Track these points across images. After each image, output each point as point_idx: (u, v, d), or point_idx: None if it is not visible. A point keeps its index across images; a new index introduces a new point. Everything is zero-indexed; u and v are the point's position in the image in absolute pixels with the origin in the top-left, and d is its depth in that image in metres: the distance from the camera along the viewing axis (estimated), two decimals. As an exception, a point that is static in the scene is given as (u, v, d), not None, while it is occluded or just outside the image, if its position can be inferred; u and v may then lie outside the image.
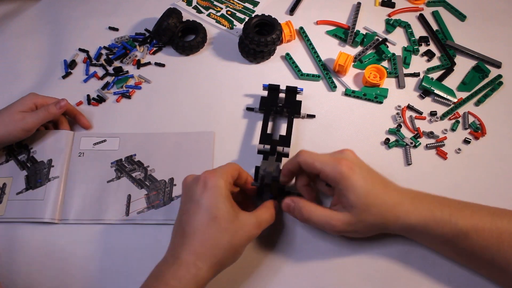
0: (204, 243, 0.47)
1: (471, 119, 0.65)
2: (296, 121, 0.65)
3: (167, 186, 0.61)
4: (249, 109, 0.67)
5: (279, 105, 0.65)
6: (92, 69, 0.71)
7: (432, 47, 0.73)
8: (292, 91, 0.65)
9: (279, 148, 0.59)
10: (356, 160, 0.52)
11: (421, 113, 0.66)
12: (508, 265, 0.48)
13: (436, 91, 0.67)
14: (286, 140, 0.60)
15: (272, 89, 0.66)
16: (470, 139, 0.63)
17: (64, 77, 0.70)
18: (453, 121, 0.65)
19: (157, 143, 0.64)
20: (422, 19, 0.75)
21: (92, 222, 0.58)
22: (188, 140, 0.64)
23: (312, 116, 0.66)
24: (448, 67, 0.70)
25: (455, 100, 0.66)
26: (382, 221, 0.50)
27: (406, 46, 0.72)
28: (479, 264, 0.51)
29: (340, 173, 0.49)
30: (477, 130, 0.64)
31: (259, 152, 0.59)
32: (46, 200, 0.59)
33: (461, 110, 0.66)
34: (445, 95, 0.66)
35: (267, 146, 0.59)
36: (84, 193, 0.60)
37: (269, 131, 0.64)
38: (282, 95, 0.66)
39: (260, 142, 0.60)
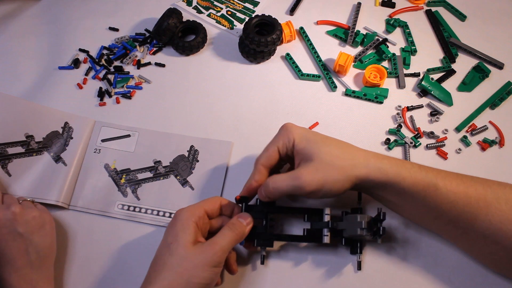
0: (170, 280, 0.46)
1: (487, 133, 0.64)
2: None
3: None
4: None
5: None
6: (92, 70, 0.71)
7: (436, 45, 0.73)
8: None
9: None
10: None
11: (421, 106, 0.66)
12: (471, 224, 0.47)
13: (434, 93, 0.66)
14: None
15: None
16: (471, 142, 0.63)
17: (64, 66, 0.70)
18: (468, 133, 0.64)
19: (174, 144, 0.64)
20: (429, 14, 0.75)
21: (99, 213, 0.59)
22: (204, 146, 0.64)
23: None
24: (449, 70, 0.70)
25: (448, 108, 0.66)
26: (351, 171, 0.48)
27: (403, 47, 0.72)
28: (444, 221, 0.50)
29: (284, 134, 0.51)
30: (491, 143, 0.63)
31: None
32: (53, 181, 0.59)
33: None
34: (440, 100, 0.66)
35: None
36: (95, 184, 0.61)
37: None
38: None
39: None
